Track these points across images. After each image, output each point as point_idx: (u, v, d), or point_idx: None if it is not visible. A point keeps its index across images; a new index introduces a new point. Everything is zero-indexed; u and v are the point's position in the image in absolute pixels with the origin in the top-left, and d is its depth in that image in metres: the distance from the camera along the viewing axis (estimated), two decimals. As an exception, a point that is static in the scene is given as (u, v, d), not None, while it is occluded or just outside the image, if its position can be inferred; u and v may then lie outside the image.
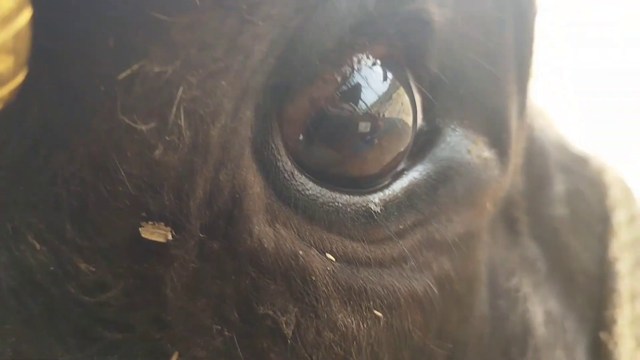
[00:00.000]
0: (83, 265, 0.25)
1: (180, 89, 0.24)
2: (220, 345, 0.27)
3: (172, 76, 0.24)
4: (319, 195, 0.29)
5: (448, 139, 0.34)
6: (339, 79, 0.29)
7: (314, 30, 0.27)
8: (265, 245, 0.27)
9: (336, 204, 0.30)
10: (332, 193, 0.30)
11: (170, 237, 0.25)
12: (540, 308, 0.42)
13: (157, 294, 0.26)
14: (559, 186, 0.46)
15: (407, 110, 0.31)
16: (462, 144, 0.34)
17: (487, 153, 0.35)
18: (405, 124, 0.31)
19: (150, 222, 0.25)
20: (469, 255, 0.35)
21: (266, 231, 0.28)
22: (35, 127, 0.24)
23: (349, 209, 0.30)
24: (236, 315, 0.27)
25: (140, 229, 0.25)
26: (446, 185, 0.33)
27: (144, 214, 0.25)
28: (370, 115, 0.30)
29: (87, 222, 0.25)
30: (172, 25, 0.23)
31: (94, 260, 0.25)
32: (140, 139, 0.24)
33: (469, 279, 0.35)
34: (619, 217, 0.53)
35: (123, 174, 0.24)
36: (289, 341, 0.28)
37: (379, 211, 0.31)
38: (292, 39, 0.26)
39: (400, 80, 0.31)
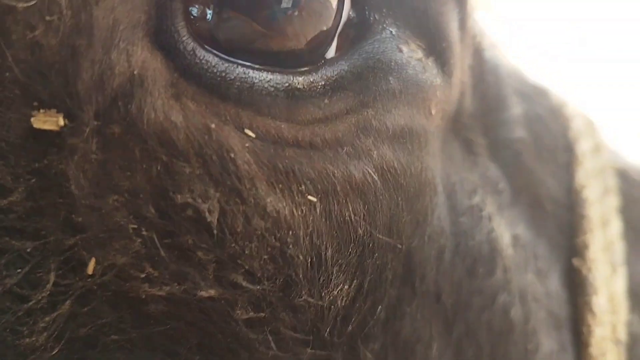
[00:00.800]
0: None
1: None
2: (141, 247, 0.25)
3: None
4: (228, 71, 0.27)
5: (378, 35, 0.33)
6: None
7: None
8: (173, 119, 0.25)
9: (250, 79, 0.28)
10: (245, 69, 0.28)
11: (62, 124, 0.23)
12: (507, 231, 0.41)
13: (62, 193, 0.24)
14: (516, 109, 0.45)
15: None
16: (393, 42, 0.33)
17: (422, 56, 0.34)
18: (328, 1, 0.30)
19: (41, 111, 0.23)
20: (414, 153, 0.34)
21: (172, 104, 0.26)
22: None
23: (266, 85, 0.28)
24: (153, 210, 0.25)
25: (31, 120, 0.23)
26: (376, 77, 0.32)
27: (35, 103, 0.23)
28: None
29: None
30: None
31: None
32: (21, 20, 0.23)
33: (417, 180, 0.33)
34: (583, 147, 0.51)
35: (10, 59, 0.23)
36: (215, 233, 0.25)
37: (303, 88, 0.29)
38: None
39: None
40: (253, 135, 0.27)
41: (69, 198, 0.24)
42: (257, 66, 0.28)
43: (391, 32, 0.33)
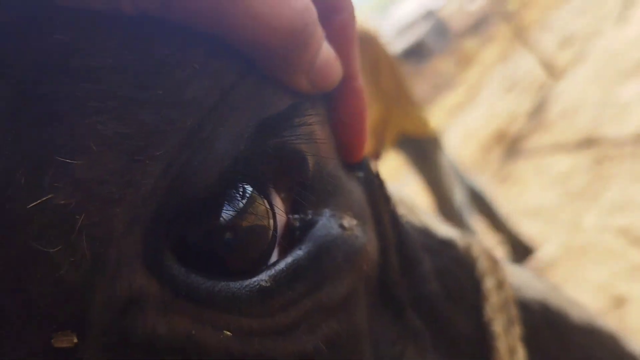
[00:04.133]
0: None
1: (82, 217, 0.29)
2: None
3: (75, 207, 0.29)
4: (213, 286, 0.34)
5: (322, 221, 0.41)
6: (216, 206, 0.35)
7: (197, 167, 0.33)
8: (158, 332, 0.32)
9: (231, 289, 0.35)
10: (224, 283, 0.35)
11: (76, 341, 0.30)
12: (428, 373, 0.49)
13: None
14: (427, 265, 0.55)
15: (266, 216, 0.38)
16: (334, 222, 0.41)
17: (353, 223, 0.43)
18: (264, 226, 0.38)
19: (59, 332, 0.30)
20: (352, 313, 0.41)
21: (159, 320, 0.32)
22: None
23: (243, 291, 0.35)
24: None
25: (52, 340, 0.29)
26: (328, 256, 0.39)
27: (54, 326, 0.30)
28: (234, 227, 0.36)
29: (1, 339, 0.29)
30: (75, 166, 0.29)
31: None
32: (48, 261, 0.29)
33: (355, 336, 0.41)
34: (488, 284, 0.62)
35: (35, 294, 0.29)
36: None
37: (270, 285, 0.36)
38: (178, 175, 0.33)
39: (265, 195, 0.38)
40: (230, 334, 0.34)
41: None
42: (230, 278, 0.35)
43: (331, 214, 0.42)
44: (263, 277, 0.36)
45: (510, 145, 6.53)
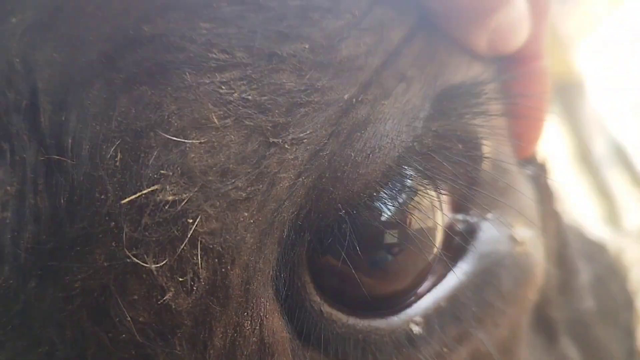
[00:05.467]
0: None
1: (197, 221, 0.21)
2: None
3: (187, 205, 0.20)
4: (352, 331, 0.26)
5: (487, 228, 0.31)
6: (381, 208, 0.26)
7: (354, 158, 0.24)
8: None
9: (373, 337, 0.26)
10: (367, 323, 0.26)
11: None
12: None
13: None
14: (584, 276, 0.45)
15: (435, 217, 0.28)
16: (503, 231, 0.31)
17: (526, 235, 0.33)
18: (438, 226, 0.28)
19: None
20: (509, 355, 0.32)
21: None
22: (27, 256, 0.20)
23: (387, 340, 0.26)
24: None
25: None
26: (493, 283, 0.30)
27: None
28: (401, 227, 0.27)
29: None
30: (188, 149, 0.20)
31: None
32: (148, 280, 0.20)
33: None
34: (642, 301, 0.52)
35: (128, 319, 0.20)
36: None
37: (420, 332, 0.27)
38: (326, 168, 0.24)
39: (440, 182, 0.28)
40: None
41: None
42: (373, 314, 0.27)
43: (498, 218, 0.31)
44: (415, 316, 0.27)
45: None
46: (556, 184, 0.43)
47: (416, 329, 0.27)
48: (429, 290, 0.28)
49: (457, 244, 0.30)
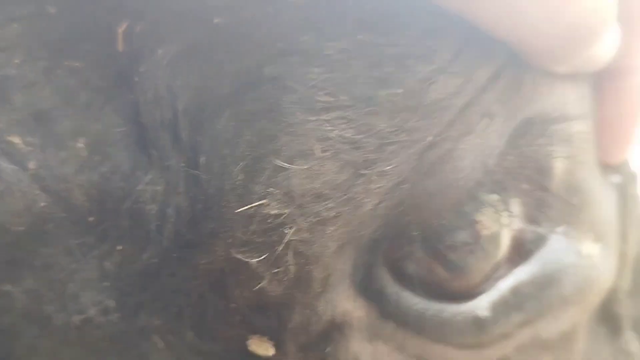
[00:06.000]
0: None
1: (292, 230, 0.26)
2: None
3: (286, 218, 0.26)
4: (426, 308, 0.31)
5: (556, 241, 0.34)
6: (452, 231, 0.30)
7: (431, 189, 0.28)
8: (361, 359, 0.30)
9: (444, 315, 0.31)
10: (439, 305, 0.31)
11: (272, 353, 0.29)
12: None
13: None
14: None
15: (499, 229, 0.32)
16: (571, 245, 0.34)
17: (594, 250, 0.35)
18: (507, 234, 0.32)
19: (257, 335, 0.29)
20: (570, 350, 0.36)
21: (364, 347, 0.30)
22: (168, 241, 0.27)
23: (456, 318, 0.31)
24: None
25: (248, 342, 0.29)
26: (554, 286, 0.33)
27: (252, 329, 0.29)
28: (472, 235, 0.31)
29: (205, 330, 0.28)
30: (292, 173, 0.25)
31: None
32: (250, 270, 0.27)
33: None
34: None
35: (236, 294, 0.27)
36: None
37: (487, 316, 0.32)
38: (406, 196, 0.28)
39: (505, 205, 0.32)
40: None
41: None
42: (445, 300, 0.31)
43: (567, 234, 0.34)
44: (482, 303, 0.32)
45: None
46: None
47: (483, 314, 0.31)
48: (496, 285, 0.33)
49: (525, 250, 0.34)
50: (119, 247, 0.26)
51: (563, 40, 0.28)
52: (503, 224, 0.32)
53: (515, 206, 0.33)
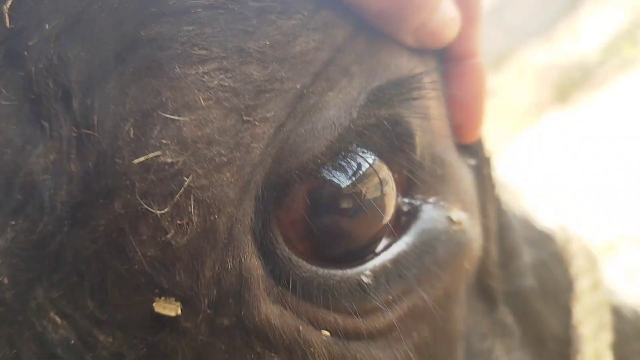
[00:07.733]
0: (102, 337, 0.28)
1: (190, 178, 0.28)
2: None
3: (182, 166, 0.27)
4: (315, 276, 0.33)
5: (428, 210, 0.38)
6: (328, 176, 0.33)
7: (306, 135, 0.31)
8: (272, 322, 0.31)
9: (331, 281, 0.33)
10: (326, 271, 0.33)
11: (179, 312, 0.28)
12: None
13: None
14: (526, 257, 0.52)
15: (388, 189, 0.36)
16: (442, 213, 0.39)
17: (462, 217, 0.40)
18: (387, 200, 0.36)
19: (162, 298, 0.28)
20: (447, 317, 0.39)
21: (272, 309, 0.31)
22: (62, 208, 0.27)
23: (342, 285, 0.33)
24: None
25: (153, 304, 0.28)
26: (431, 253, 0.37)
27: (157, 291, 0.28)
28: (355, 196, 0.34)
29: (107, 298, 0.28)
30: (183, 124, 0.28)
31: (112, 333, 0.28)
32: (154, 223, 0.27)
33: (448, 340, 0.39)
34: (582, 285, 0.59)
35: (139, 254, 0.27)
36: None
37: (370, 283, 0.34)
38: (286, 141, 0.31)
39: (384, 165, 0.36)
40: (329, 334, 0.33)
41: None
42: (331, 265, 0.33)
43: (439, 204, 0.39)
44: (365, 270, 0.34)
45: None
46: (499, 175, 0.51)
47: (366, 280, 0.34)
48: (378, 254, 0.36)
49: (403, 221, 0.38)
50: (12, 222, 0.26)
51: (395, 2, 0.32)
52: (384, 192, 0.35)
53: (391, 179, 0.36)
